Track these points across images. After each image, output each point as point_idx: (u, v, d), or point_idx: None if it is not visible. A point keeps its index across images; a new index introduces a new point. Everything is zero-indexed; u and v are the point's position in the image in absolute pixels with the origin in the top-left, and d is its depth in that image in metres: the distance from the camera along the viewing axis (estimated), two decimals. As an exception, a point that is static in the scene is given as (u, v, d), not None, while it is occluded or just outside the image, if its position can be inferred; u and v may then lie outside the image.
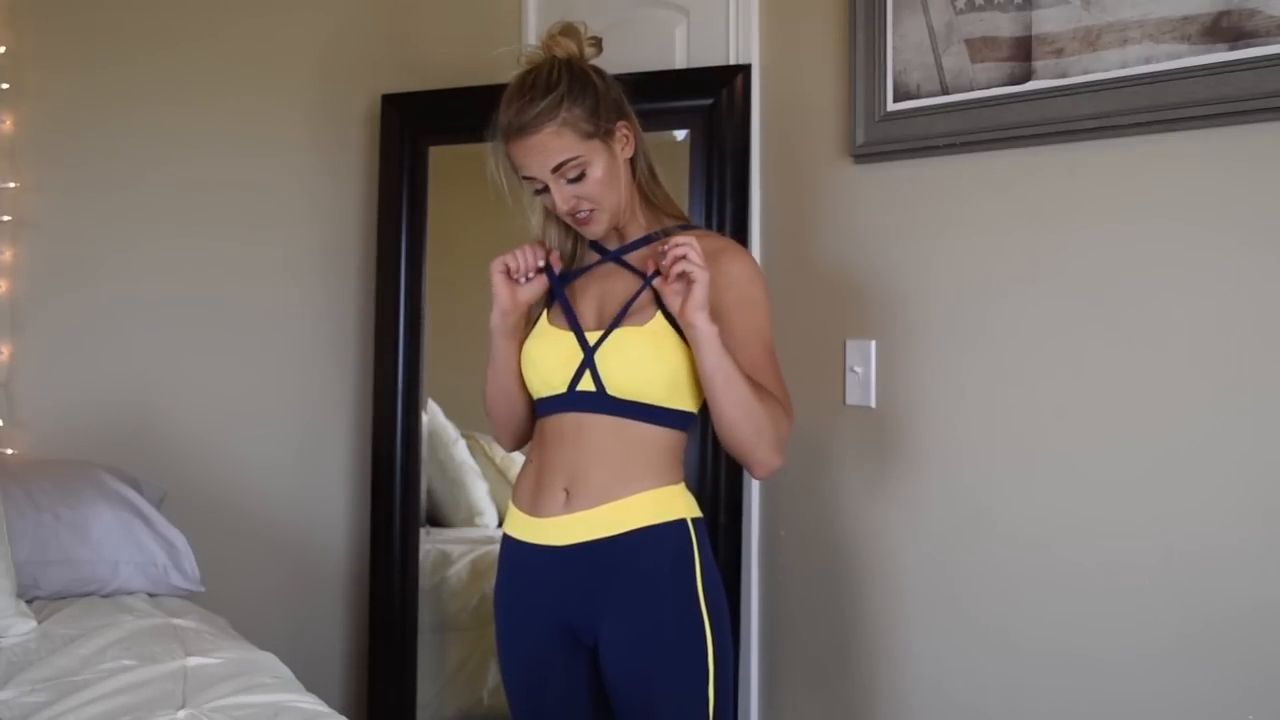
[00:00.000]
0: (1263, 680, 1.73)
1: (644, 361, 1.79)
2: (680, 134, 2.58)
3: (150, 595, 2.34)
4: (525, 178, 1.81)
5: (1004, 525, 2.06)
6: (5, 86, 2.62)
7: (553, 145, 1.74)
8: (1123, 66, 1.86)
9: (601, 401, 1.80)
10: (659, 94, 2.34)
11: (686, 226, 1.95)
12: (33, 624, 2.06)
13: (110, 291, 2.74)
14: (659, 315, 1.80)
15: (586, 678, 1.87)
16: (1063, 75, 1.94)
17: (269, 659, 1.95)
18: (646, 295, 1.83)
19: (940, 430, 2.16)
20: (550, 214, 1.89)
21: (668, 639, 1.79)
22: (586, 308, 1.89)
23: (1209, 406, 1.80)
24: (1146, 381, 1.87)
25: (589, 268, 1.92)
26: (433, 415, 3.04)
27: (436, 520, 3.21)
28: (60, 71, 2.69)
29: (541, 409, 1.89)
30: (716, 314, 1.73)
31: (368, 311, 2.97)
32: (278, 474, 2.96)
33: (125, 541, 2.34)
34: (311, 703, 1.76)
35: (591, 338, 1.82)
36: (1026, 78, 1.99)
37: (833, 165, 2.35)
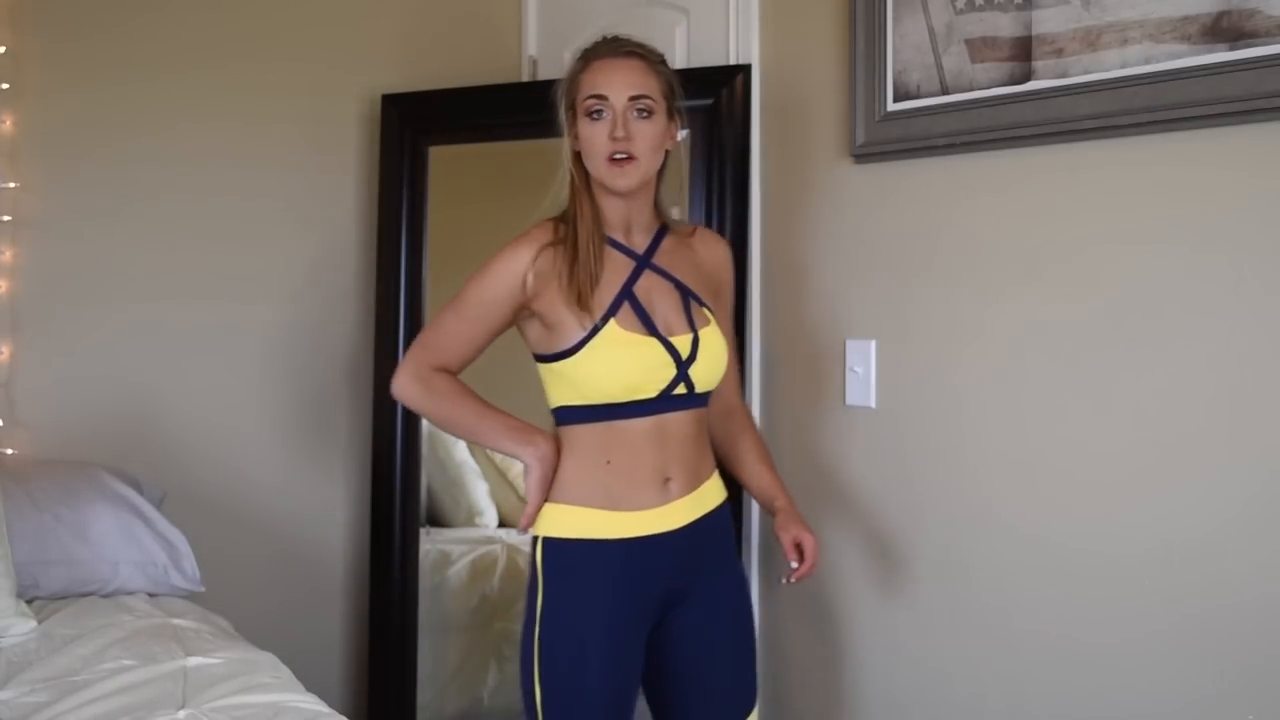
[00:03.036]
0: (1262, 678, 1.73)
1: (723, 356, 1.96)
2: (680, 134, 2.57)
3: (150, 595, 2.34)
4: (592, 96, 1.86)
5: (1003, 525, 2.06)
6: (5, 86, 2.62)
7: (640, 76, 1.87)
8: (1123, 66, 1.86)
9: (690, 399, 1.91)
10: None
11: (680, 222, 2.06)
12: (33, 624, 2.06)
13: (110, 291, 2.74)
14: (707, 310, 1.96)
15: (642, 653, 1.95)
16: (1063, 75, 1.93)
17: (269, 659, 1.95)
18: (698, 290, 1.96)
19: (940, 430, 2.16)
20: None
21: (744, 603, 2.03)
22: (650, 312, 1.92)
23: (1208, 404, 1.80)
24: (1145, 379, 1.87)
25: (637, 274, 1.92)
26: (433, 415, 3.04)
27: (436, 520, 3.22)
28: (60, 71, 2.69)
29: (613, 414, 1.87)
30: (716, 291, 2.01)
31: (368, 312, 2.97)
32: (278, 474, 2.96)
33: (125, 541, 2.34)
34: (311, 703, 1.77)
35: (679, 342, 1.88)
36: (1026, 78, 1.99)
37: (833, 165, 2.35)
